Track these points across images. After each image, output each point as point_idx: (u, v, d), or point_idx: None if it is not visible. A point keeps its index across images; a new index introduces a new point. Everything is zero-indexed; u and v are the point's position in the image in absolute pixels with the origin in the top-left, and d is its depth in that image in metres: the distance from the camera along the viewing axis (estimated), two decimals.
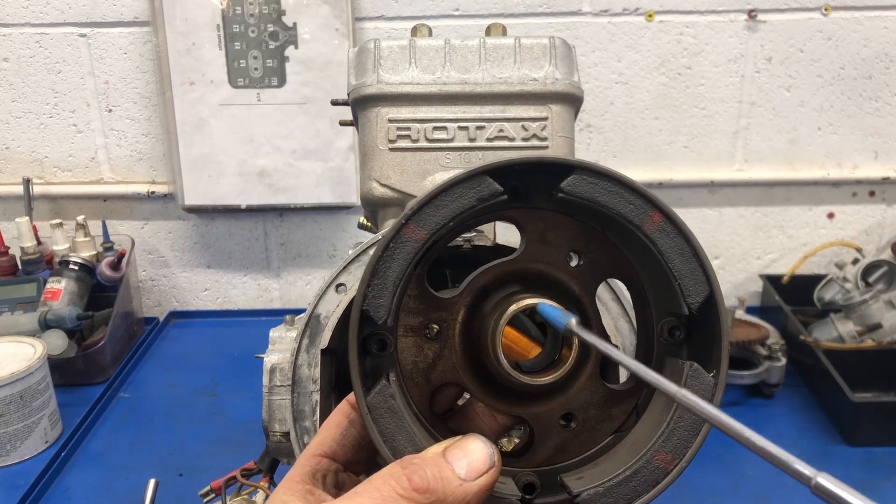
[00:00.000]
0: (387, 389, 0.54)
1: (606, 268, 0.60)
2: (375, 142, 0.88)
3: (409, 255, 0.54)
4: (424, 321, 0.60)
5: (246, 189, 2.09)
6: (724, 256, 2.23)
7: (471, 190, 0.54)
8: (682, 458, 0.53)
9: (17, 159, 2.14)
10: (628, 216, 0.54)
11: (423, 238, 0.54)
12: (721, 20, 2.00)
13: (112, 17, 2.01)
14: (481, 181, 0.54)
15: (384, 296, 0.54)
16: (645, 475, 0.53)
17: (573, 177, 0.54)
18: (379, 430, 0.54)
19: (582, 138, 2.09)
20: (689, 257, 0.54)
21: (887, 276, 1.93)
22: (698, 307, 0.54)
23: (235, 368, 1.97)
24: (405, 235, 0.54)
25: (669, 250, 0.54)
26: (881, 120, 2.09)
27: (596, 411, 0.60)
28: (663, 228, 0.54)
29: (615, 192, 0.54)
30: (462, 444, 0.53)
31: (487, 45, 0.90)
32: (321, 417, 0.76)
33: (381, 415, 0.54)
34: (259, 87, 2.01)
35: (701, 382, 0.53)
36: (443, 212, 0.54)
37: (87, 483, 1.54)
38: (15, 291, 1.93)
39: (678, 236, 0.54)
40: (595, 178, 0.54)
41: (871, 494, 1.26)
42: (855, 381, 1.65)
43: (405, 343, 0.60)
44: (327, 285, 0.79)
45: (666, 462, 0.53)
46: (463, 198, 0.54)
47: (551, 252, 0.59)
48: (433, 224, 0.54)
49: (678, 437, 0.53)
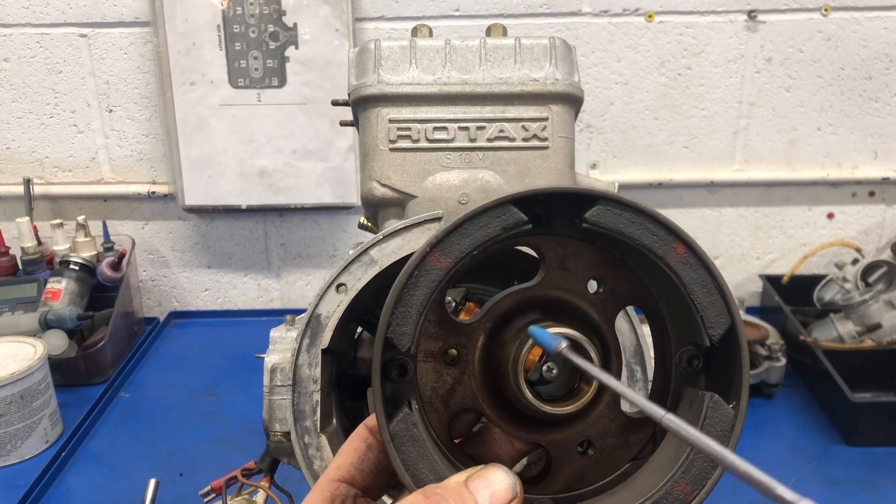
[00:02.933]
0: (409, 417, 0.54)
1: (626, 296, 0.60)
2: (376, 142, 0.88)
3: (434, 282, 0.55)
4: (444, 346, 0.60)
5: (246, 189, 2.09)
6: (723, 256, 2.23)
7: (496, 219, 0.55)
8: (702, 488, 0.53)
9: (17, 159, 2.14)
10: (652, 247, 0.54)
11: (448, 266, 0.55)
12: (721, 20, 2.01)
13: (112, 17, 2.01)
14: (506, 210, 0.55)
15: (408, 323, 0.55)
16: None
17: (597, 207, 0.55)
18: (401, 459, 0.54)
19: (582, 138, 2.10)
20: (711, 289, 0.54)
21: (887, 276, 1.93)
22: (720, 339, 0.54)
23: (236, 368, 1.97)
24: (429, 263, 0.54)
25: (692, 282, 0.54)
26: (881, 120, 2.09)
27: (614, 439, 0.59)
28: (686, 260, 0.54)
29: (639, 223, 0.55)
30: (484, 473, 0.52)
31: (488, 45, 0.90)
32: (321, 417, 0.76)
33: (403, 443, 0.54)
34: (259, 87, 2.02)
35: (721, 414, 0.54)
36: (467, 240, 0.55)
37: (88, 483, 1.54)
38: (15, 291, 1.93)
39: (701, 268, 0.54)
40: (619, 209, 0.55)
41: (871, 494, 1.26)
42: (855, 381, 1.65)
43: (424, 368, 0.60)
44: (328, 285, 0.79)
45: (686, 493, 0.53)
46: (488, 227, 0.55)
47: (571, 279, 0.59)
48: (458, 252, 0.55)
49: (698, 468, 0.53)
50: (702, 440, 0.42)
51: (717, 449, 0.42)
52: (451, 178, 0.87)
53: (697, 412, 0.54)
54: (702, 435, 0.43)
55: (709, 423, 0.53)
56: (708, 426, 0.53)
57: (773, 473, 1.35)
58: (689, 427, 0.44)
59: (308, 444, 0.76)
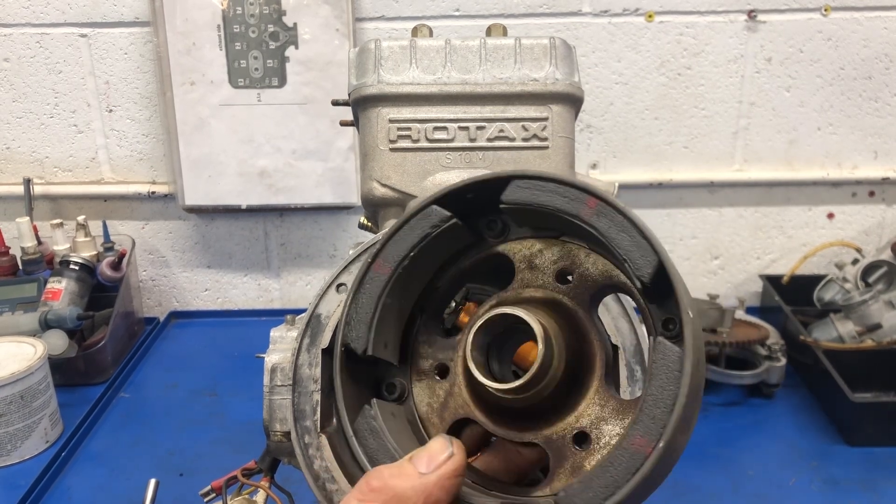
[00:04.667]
0: (368, 412, 0.59)
1: (596, 278, 0.61)
2: (376, 142, 0.88)
3: (379, 288, 0.61)
4: (434, 363, 0.63)
5: (246, 189, 2.09)
6: (724, 256, 2.23)
7: (423, 220, 0.61)
8: (660, 438, 0.48)
9: (17, 159, 2.14)
10: (564, 209, 0.56)
11: (389, 272, 0.61)
12: (721, 20, 2.01)
13: (112, 17, 2.01)
14: (430, 211, 0.61)
15: (360, 328, 0.60)
16: (623, 463, 0.49)
17: (510, 186, 0.59)
18: (364, 451, 0.58)
19: (582, 138, 2.10)
20: (630, 232, 0.54)
21: (887, 276, 1.93)
22: (651, 278, 0.53)
23: (236, 368, 1.97)
24: (373, 272, 0.61)
25: (610, 230, 0.55)
26: (881, 120, 2.09)
27: (609, 426, 0.57)
28: (600, 211, 0.55)
29: (549, 189, 0.57)
30: (426, 447, 0.56)
31: (488, 45, 0.90)
32: (322, 417, 0.76)
33: (364, 437, 0.59)
34: (259, 87, 2.02)
35: (668, 352, 0.51)
36: (402, 245, 0.61)
37: (88, 483, 1.54)
38: (15, 291, 1.93)
39: (616, 214, 0.55)
40: (527, 183, 0.58)
41: (871, 494, 1.27)
42: (855, 381, 1.65)
43: (419, 388, 0.63)
44: (328, 285, 0.79)
45: (642, 445, 0.48)
46: (417, 229, 0.61)
47: (541, 276, 0.62)
48: (395, 257, 0.61)
49: (650, 416, 0.49)
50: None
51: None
52: (451, 178, 0.87)
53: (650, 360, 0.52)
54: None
55: (657, 365, 0.50)
56: (657, 369, 0.50)
57: (774, 473, 1.36)
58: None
59: (308, 444, 0.76)
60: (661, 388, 0.49)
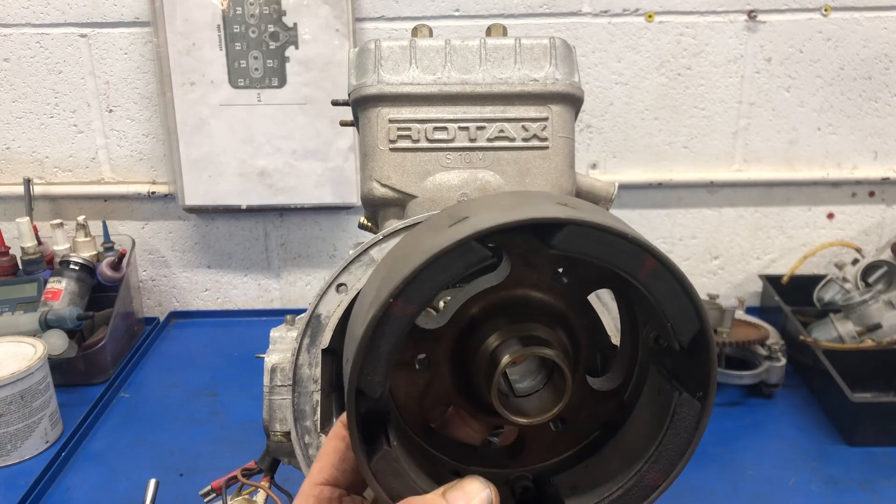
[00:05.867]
0: (389, 455, 0.54)
1: (593, 279, 0.60)
2: (376, 142, 0.88)
3: (400, 330, 0.51)
4: (413, 354, 0.60)
5: (246, 189, 2.09)
6: (723, 256, 2.23)
7: (458, 258, 0.51)
8: (670, 475, 0.57)
9: (17, 159, 2.14)
10: (622, 266, 0.52)
11: (414, 312, 0.51)
12: (721, 21, 2.01)
13: (112, 17, 2.01)
14: (469, 248, 0.51)
15: (378, 373, 0.52)
16: (636, 493, 0.57)
17: (564, 231, 0.51)
18: (387, 493, 0.55)
19: (582, 138, 2.10)
20: (681, 298, 0.53)
21: (887, 276, 1.93)
22: (689, 342, 0.54)
23: (236, 368, 1.97)
24: (394, 313, 0.51)
25: (662, 294, 0.53)
26: (881, 120, 2.09)
27: (585, 412, 0.63)
28: (657, 273, 0.52)
29: (607, 242, 0.52)
30: (461, 485, 0.54)
31: (488, 45, 0.90)
32: (321, 417, 0.76)
33: (385, 477, 0.55)
34: (259, 87, 2.02)
35: (689, 408, 0.56)
36: (430, 284, 0.51)
37: (88, 483, 1.54)
38: (15, 291, 1.93)
39: (671, 279, 0.53)
40: (586, 231, 0.51)
41: (871, 494, 1.27)
42: (855, 381, 1.65)
43: (396, 378, 0.60)
44: (328, 285, 0.79)
45: (655, 480, 0.57)
46: (451, 268, 0.51)
47: (536, 274, 0.59)
48: (421, 298, 0.51)
49: (667, 459, 0.57)
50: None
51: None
52: (451, 178, 0.87)
53: (666, 405, 0.57)
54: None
55: (679, 419, 0.56)
56: (679, 422, 0.56)
57: (774, 473, 1.36)
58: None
59: (308, 444, 0.76)
60: (678, 433, 0.56)
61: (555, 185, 0.88)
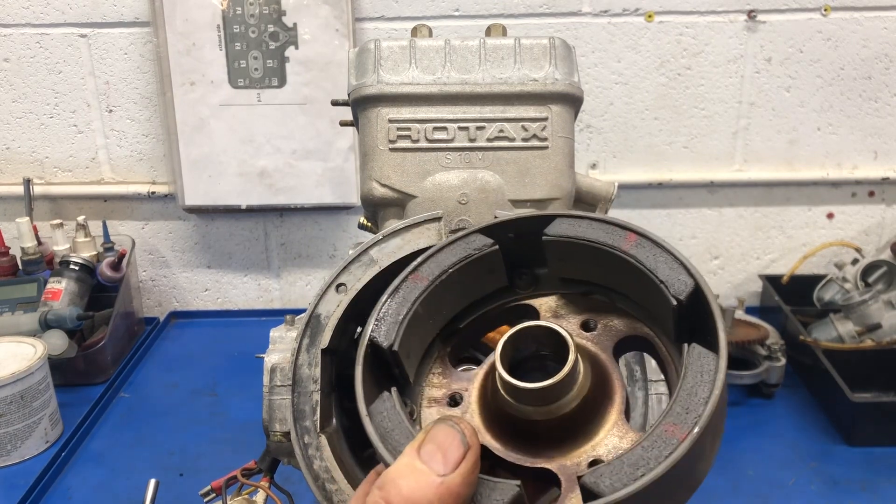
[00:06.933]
0: (388, 398, 0.58)
1: (621, 329, 0.63)
2: (375, 142, 0.88)
3: (414, 294, 0.64)
4: (447, 393, 0.64)
5: (246, 189, 2.09)
6: (723, 256, 2.23)
7: (464, 245, 0.66)
8: (695, 424, 0.49)
9: (17, 159, 2.14)
10: (605, 241, 0.60)
11: (426, 284, 0.64)
12: (721, 20, 2.01)
13: (112, 17, 2.01)
14: (473, 238, 0.66)
15: (391, 326, 0.62)
16: (655, 448, 0.49)
17: (554, 222, 0.63)
18: (377, 430, 0.56)
19: (582, 138, 2.10)
20: (669, 261, 0.57)
21: (887, 276, 1.93)
22: (687, 298, 0.56)
23: (235, 368, 1.97)
24: (410, 281, 0.65)
25: (648, 259, 0.58)
26: (881, 120, 2.09)
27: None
28: (639, 244, 0.59)
29: (593, 226, 0.61)
30: (431, 436, 0.51)
31: (487, 45, 0.90)
32: (321, 417, 0.76)
33: (382, 419, 0.57)
34: (259, 87, 2.02)
35: (705, 359, 0.52)
36: (440, 263, 0.65)
37: (88, 483, 1.54)
38: (15, 291, 1.93)
39: (654, 247, 0.58)
40: (571, 220, 0.62)
41: (871, 494, 1.27)
42: (854, 381, 1.65)
43: (428, 413, 0.63)
44: (328, 285, 0.79)
45: (674, 432, 0.49)
46: (457, 251, 0.65)
47: (564, 324, 0.63)
48: (432, 273, 0.65)
49: (684, 408, 0.50)
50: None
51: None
52: (450, 178, 0.87)
53: (682, 360, 0.53)
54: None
55: (692, 365, 0.51)
56: (691, 367, 0.51)
57: (774, 473, 1.36)
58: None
59: (308, 444, 0.76)
60: (696, 383, 0.50)
61: (554, 185, 0.88)
